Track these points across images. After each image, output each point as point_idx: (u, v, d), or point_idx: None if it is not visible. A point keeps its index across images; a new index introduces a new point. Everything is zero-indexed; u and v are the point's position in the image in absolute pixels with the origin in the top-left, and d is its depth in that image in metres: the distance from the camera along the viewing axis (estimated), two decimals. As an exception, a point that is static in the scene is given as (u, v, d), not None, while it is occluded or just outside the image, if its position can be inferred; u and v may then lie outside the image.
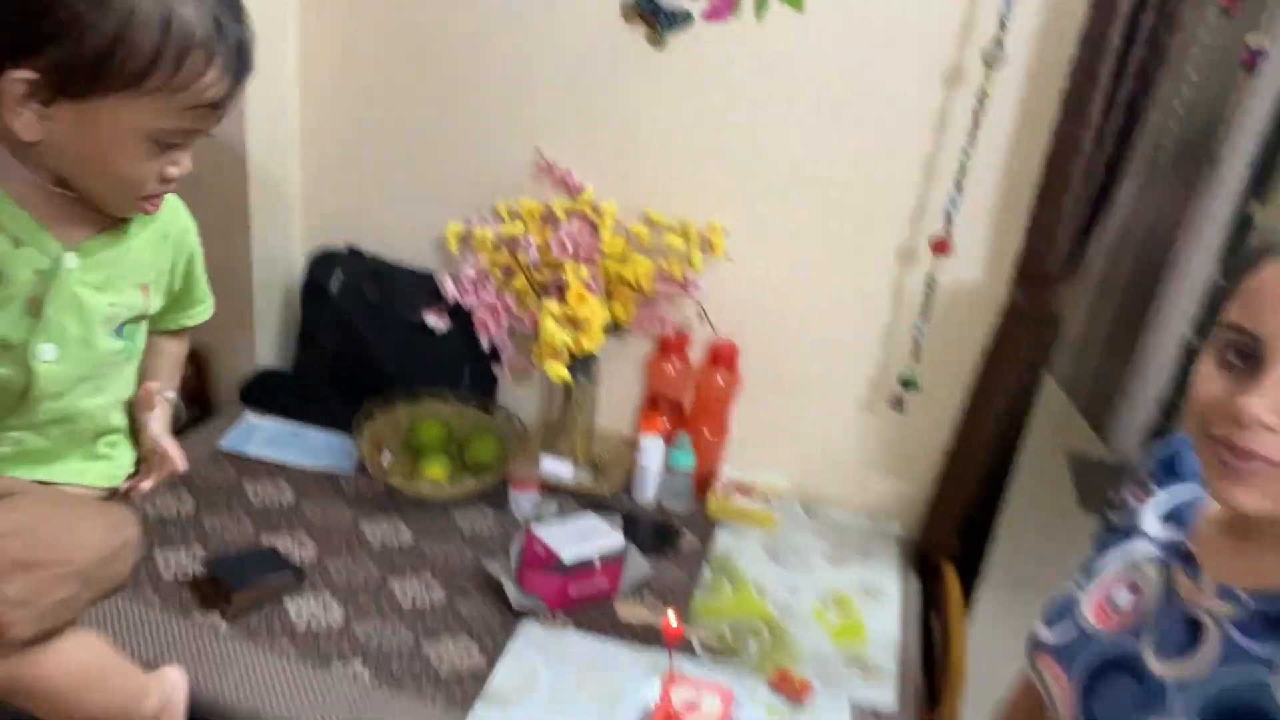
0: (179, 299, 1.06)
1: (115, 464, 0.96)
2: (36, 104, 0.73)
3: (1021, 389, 1.50)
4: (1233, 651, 0.73)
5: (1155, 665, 0.78)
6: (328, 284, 1.78)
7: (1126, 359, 1.82)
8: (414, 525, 1.57)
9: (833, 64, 1.49)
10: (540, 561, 1.40)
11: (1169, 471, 0.91)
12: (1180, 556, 0.82)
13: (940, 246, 1.48)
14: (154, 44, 0.72)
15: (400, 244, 1.82)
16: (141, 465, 0.98)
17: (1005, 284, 1.48)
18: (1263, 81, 3.03)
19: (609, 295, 1.62)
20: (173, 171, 0.81)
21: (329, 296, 1.78)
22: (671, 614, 1.24)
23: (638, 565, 1.51)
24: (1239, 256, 0.75)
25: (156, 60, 0.73)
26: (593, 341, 1.52)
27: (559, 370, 1.50)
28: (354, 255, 1.82)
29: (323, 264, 1.81)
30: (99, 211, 0.83)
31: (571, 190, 1.66)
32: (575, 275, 1.54)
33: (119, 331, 0.90)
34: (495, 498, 1.65)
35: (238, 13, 0.79)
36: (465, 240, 1.70)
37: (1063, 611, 0.90)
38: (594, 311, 1.50)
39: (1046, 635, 0.90)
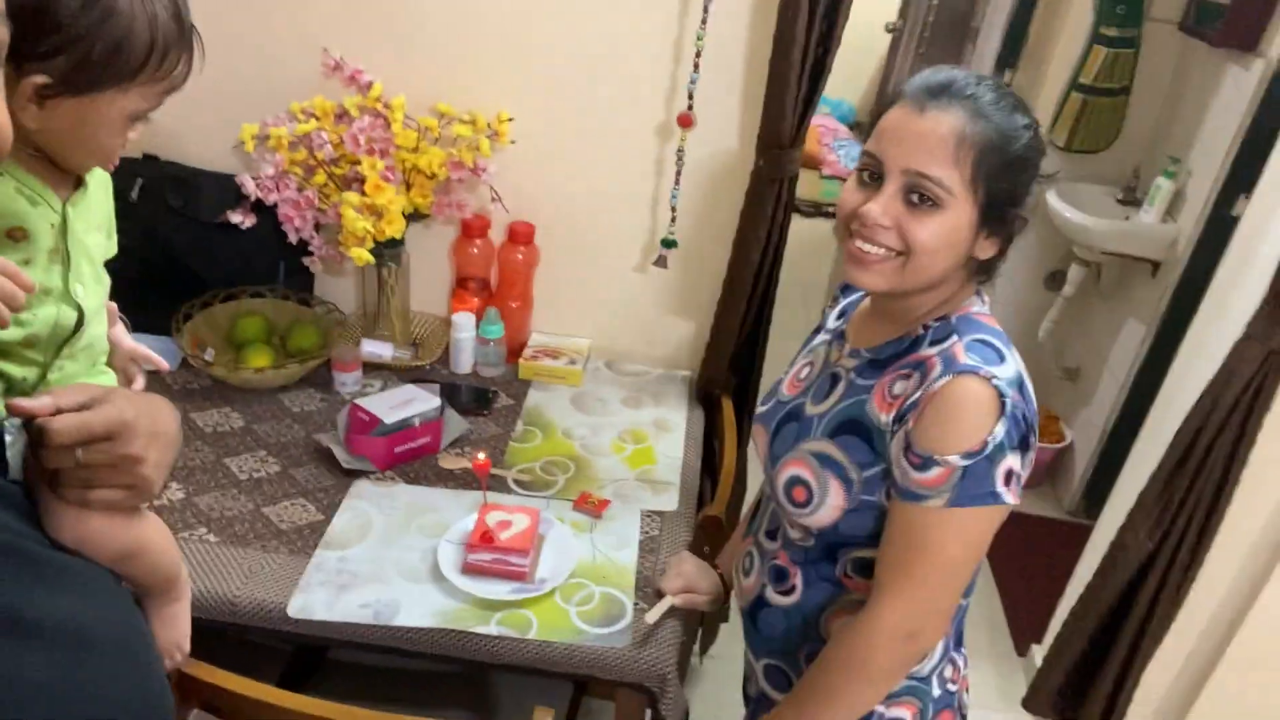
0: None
1: (110, 377, 1.12)
2: (41, 99, 0.85)
3: (770, 242, 1.76)
4: (851, 388, 1.04)
5: (810, 409, 1.08)
6: (128, 193, 1.82)
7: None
8: (243, 411, 1.71)
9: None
10: (365, 427, 1.58)
11: (848, 287, 1.20)
12: (838, 335, 1.13)
13: (684, 120, 1.71)
14: (145, 47, 0.87)
15: (198, 150, 1.86)
16: (120, 374, 1.12)
17: (749, 153, 1.72)
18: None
19: (407, 186, 1.75)
20: (133, 137, 0.96)
21: (131, 204, 1.82)
22: (480, 454, 1.46)
23: (456, 424, 1.71)
24: (877, 101, 0.99)
25: (147, 60, 0.87)
26: (394, 227, 1.67)
27: (363, 255, 1.64)
28: (151, 162, 1.86)
29: (120, 173, 1.83)
30: (68, 171, 0.96)
31: (361, 88, 1.76)
32: (371, 168, 1.67)
33: (105, 268, 1.06)
34: (321, 381, 1.80)
35: (185, 3, 0.94)
36: (262, 141, 1.78)
37: (771, 392, 1.19)
38: (391, 200, 1.64)
39: (759, 410, 1.19)
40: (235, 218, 1.79)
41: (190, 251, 1.84)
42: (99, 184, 1.07)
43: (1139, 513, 1.77)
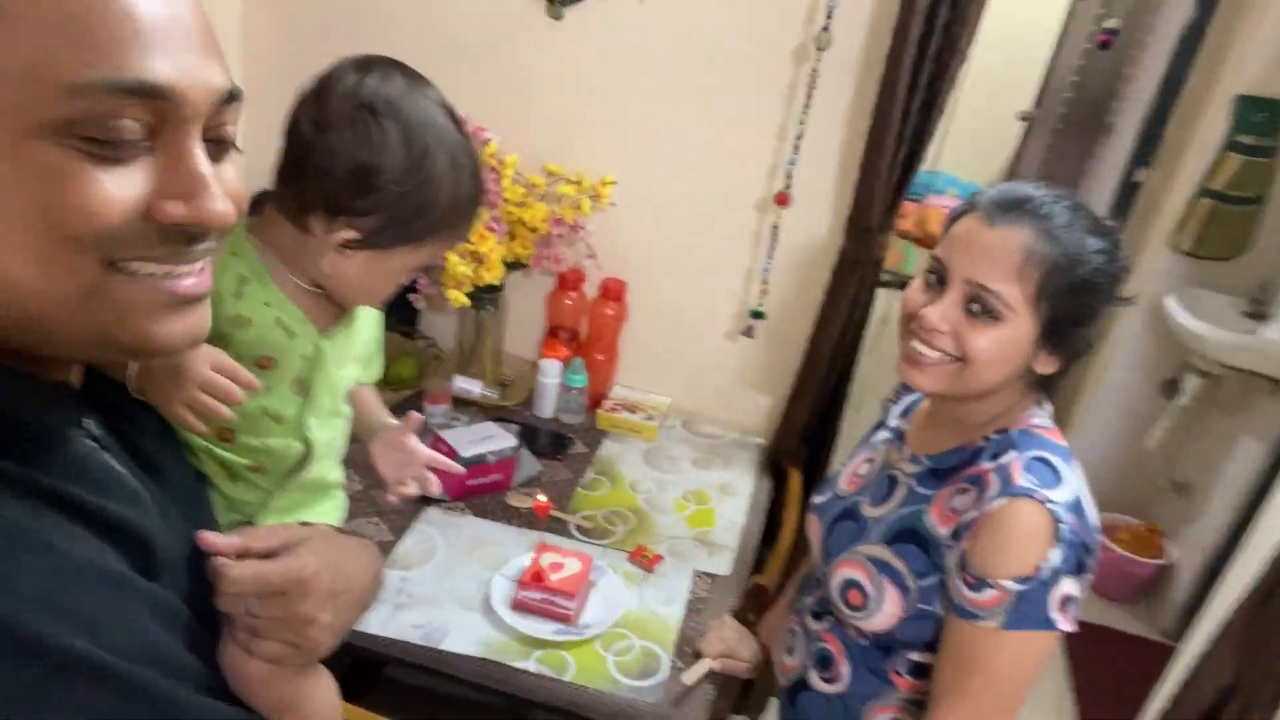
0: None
1: (341, 504, 1.16)
2: (342, 249, 0.90)
3: (852, 321, 1.79)
4: (911, 496, 1.04)
5: (867, 510, 1.09)
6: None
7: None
8: (340, 430, 1.84)
9: (701, 40, 1.75)
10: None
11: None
12: (898, 435, 1.13)
13: (781, 199, 1.76)
14: (450, 212, 0.91)
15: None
16: (408, 483, 1.14)
17: (839, 234, 1.76)
18: (1147, 57, 3.32)
19: (510, 236, 1.87)
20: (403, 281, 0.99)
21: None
22: (542, 496, 1.53)
23: (530, 464, 1.79)
24: (953, 210, 1.02)
25: (449, 223, 0.92)
26: (492, 274, 1.78)
27: (460, 298, 1.76)
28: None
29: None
30: (337, 304, 1.00)
31: (479, 144, 1.89)
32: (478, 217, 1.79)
33: (346, 400, 1.10)
34: (413, 410, 1.92)
35: (482, 168, 0.97)
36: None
37: (829, 483, 1.20)
38: (492, 249, 1.76)
39: (815, 500, 1.20)
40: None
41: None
42: (366, 316, 1.08)
43: (1223, 640, 1.67)
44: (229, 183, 0.51)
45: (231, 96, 0.50)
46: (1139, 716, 2.04)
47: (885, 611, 1.00)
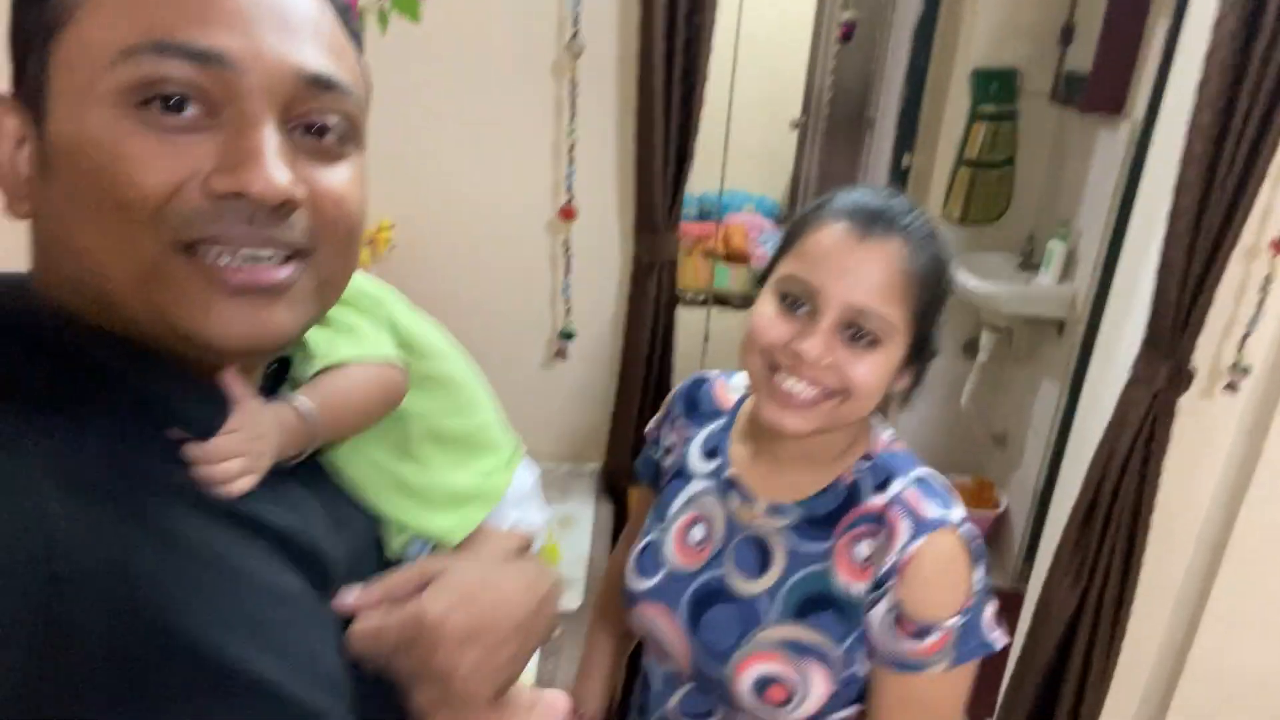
0: None
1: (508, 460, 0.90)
2: None
3: (659, 326, 1.77)
4: (796, 557, 0.89)
5: (742, 586, 0.91)
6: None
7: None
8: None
9: (462, 71, 1.70)
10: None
11: (694, 409, 1.02)
12: (730, 484, 0.95)
13: (566, 213, 1.73)
14: None
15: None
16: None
17: (630, 239, 1.74)
18: (890, 50, 3.56)
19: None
20: None
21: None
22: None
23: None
24: (794, 219, 0.90)
25: None
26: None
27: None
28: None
29: None
30: None
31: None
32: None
33: None
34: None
35: None
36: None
37: (650, 560, 0.98)
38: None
39: (642, 584, 0.97)
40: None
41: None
42: None
43: (1057, 569, 1.74)
44: (325, 181, 0.49)
45: (324, 82, 0.48)
46: (1008, 663, 2.10)
47: (814, 695, 0.87)
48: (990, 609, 0.86)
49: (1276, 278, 1.50)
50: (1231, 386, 1.58)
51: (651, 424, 1.08)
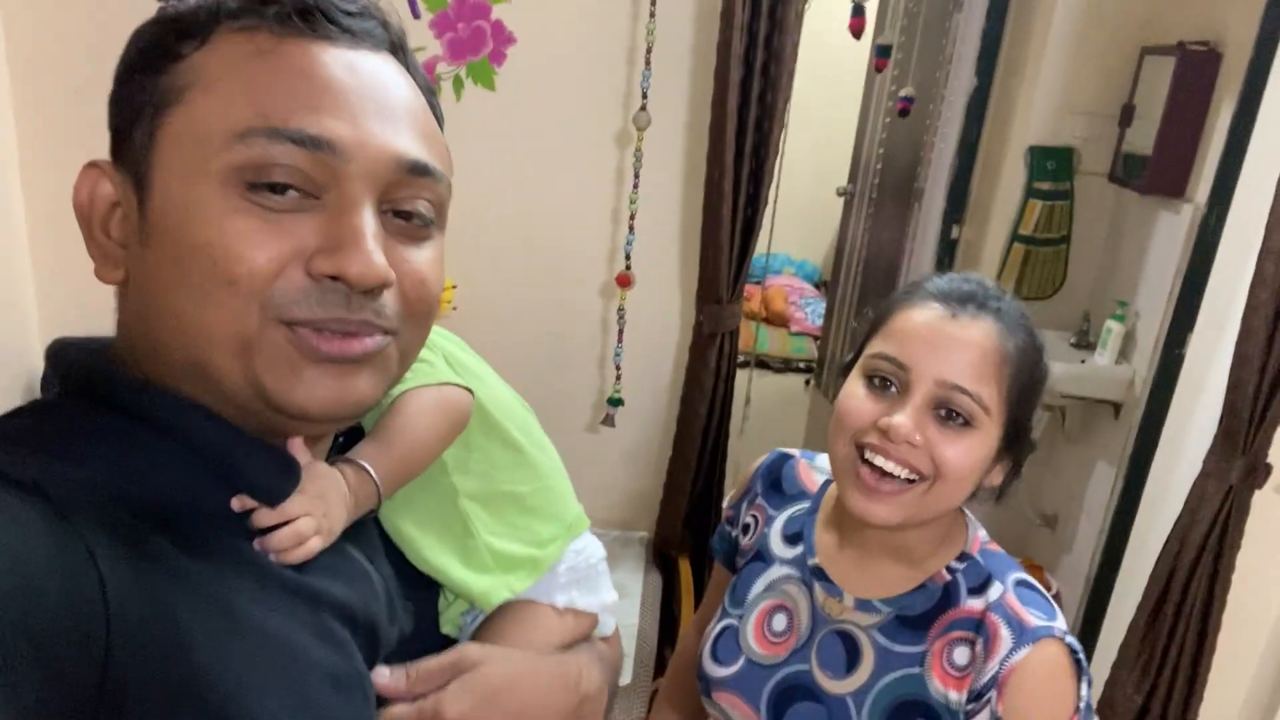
0: None
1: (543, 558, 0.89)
2: None
3: (718, 396, 1.75)
4: (888, 657, 0.85)
5: (828, 684, 0.87)
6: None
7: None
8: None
9: (525, 137, 1.72)
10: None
11: (776, 489, 0.99)
12: (815, 574, 0.91)
13: (622, 280, 1.73)
14: None
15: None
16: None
17: (690, 309, 1.74)
18: (941, 124, 3.58)
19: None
20: None
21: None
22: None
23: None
24: (885, 300, 0.88)
25: None
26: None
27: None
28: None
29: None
30: None
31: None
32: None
33: None
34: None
35: None
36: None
37: (729, 646, 0.94)
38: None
39: (720, 671, 0.93)
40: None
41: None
42: None
43: (1122, 668, 1.67)
44: (411, 262, 0.50)
45: (420, 169, 0.50)
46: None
47: None
48: None
49: (1358, 374, 1.46)
50: (1309, 483, 1.53)
51: (728, 500, 1.05)
